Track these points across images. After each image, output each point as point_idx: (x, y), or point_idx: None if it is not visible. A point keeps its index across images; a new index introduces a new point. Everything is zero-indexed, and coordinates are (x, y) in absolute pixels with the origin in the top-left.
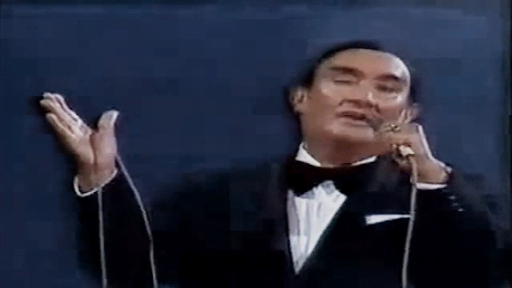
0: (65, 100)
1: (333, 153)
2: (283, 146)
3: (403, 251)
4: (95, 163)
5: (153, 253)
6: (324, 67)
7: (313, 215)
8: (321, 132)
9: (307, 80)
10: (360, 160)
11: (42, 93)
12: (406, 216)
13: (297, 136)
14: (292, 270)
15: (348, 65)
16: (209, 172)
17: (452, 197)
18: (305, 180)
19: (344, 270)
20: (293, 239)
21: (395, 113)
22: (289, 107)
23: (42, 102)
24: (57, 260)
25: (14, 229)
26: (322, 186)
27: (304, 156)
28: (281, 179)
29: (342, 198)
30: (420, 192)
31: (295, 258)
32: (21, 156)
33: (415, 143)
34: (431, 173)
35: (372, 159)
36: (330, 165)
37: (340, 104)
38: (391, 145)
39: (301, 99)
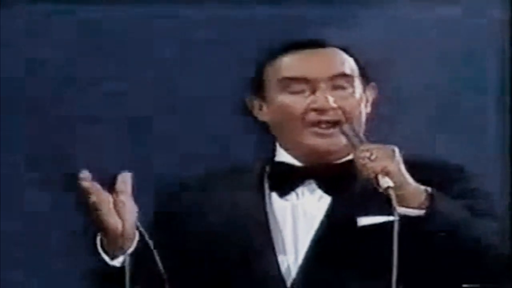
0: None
1: (311, 155)
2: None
3: (391, 253)
4: (122, 232)
5: None
6: (272, 77)
7: (300, 221)
8: (293, 142)
9: (259, 90)
10: (340, 158)
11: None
12: (392, 218)
13: (269, 140)
14: (283, 280)
15: (298, 75)
16: (183, 177)
17: (433, 222)
18: (287, 181)
19: (337, 276)
20: (279, 249)
21: (357, 108)
22: (252, 115)
23: (83, 185)
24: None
25: (14, 228)
26: (305, 186)
27: (283, 156)
28: (262, 183)
29: (326, 198)
30: (402, 217)
31: (283, 269)
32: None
33: (393, 172)
34: (411, 198)
35: (351, 156)
36: (311, 164)
37: (304, 113)
38: (368, 173)
39: (261, 108)
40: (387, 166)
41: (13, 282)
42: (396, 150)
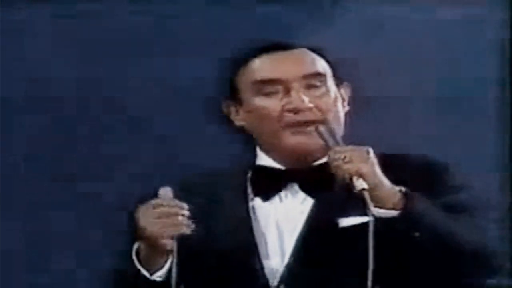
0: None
1: (292, 157)
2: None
3: (372, 252)
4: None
5: None
6: (246, 81)
7: (284, 224)
8: (272, 144)
9: (234, 94)
10: (321, 156)
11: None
12: (375, 213)
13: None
14: (268, 283)
15: (270, 77)
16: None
17: (407, 222)
18: (270, 185)
19: (321, 277)
20: (264, 253)
21: (333, 106)
22: (229, 120)
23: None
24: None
25: (14, 228)
26: (288, 189)
27: (264, 159)
28: (245, 187)
29: (309, 201)
30: (377, 219)
31: (268, 272)
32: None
33: (367, 174)
34: (386, 199)
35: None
36: (293, 166)
37: (280, 115)
38: (343, 175)
39: (237, 113)
40: (361, 168)
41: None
42: (371, 151)
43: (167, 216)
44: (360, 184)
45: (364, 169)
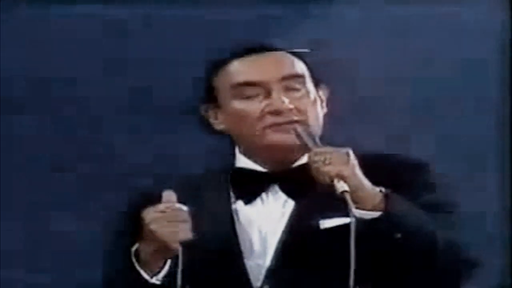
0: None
1: (273, 157)
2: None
3: (354, 253)
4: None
5: None
6: (224, 84)
7: (266, 226)
8: (253, 146)
9: (212, 98)
10: (302, 156)
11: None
12: (356, 215)
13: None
14: (251, 285)
15: (249, 79)
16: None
17: (388, 223)
18: (251, 187)
19: (304, 278)
20: (248, 254)
21: (313, 108)
22: (208, 124)
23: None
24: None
25: (14, 228)
26: (269, 191)
27: (244, 162)
28: (226, 189)
29: (290, 203)
30: (358, 220)
31: (252, 274)
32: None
33: (348, 176)
34: (367, 200)
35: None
36: (273, 168)
37: (260, 117)
38: (323, 178)
39: (216, 116)
40: (342, 170)
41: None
42: (351, 153)
43: (177, 220)
44: (341, 186)
45: (345, 171)
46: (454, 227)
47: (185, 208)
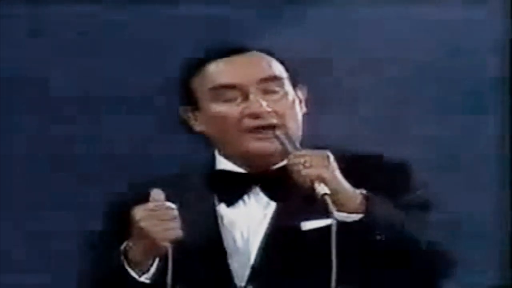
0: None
1: (252, 162)
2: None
3: (335, 254)
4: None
5: None
6: (202, 87)
7: (249, 227)
8: (232, 150)
9: (191, 100)
10: (282, 160)
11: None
12: (337, 218)
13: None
14: (235, 285)
15: (227, 82)
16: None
17: (369, 225)
18: (232, 189)
19: (287, 279)
20: (231, 256)
21: (292, 110)
22: (187, 125)
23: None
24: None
25: (14, 228)
26: (251, 193)
27: (224, 163)
28: (208, 191)
29: (272, 204)
30: (340, 223)
31: (236, 275)
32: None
33: (328, 178)
34: (347, 203)
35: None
36: (253, 170)
37: (239, 120)
38: (304, 181)
39: (196, 118)
40: (322, 173)
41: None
42: (330, 155)
43: (168, 219)
44: (321, 189)
45: (325, 174)
46: (433, 226)
47: (174, 206)
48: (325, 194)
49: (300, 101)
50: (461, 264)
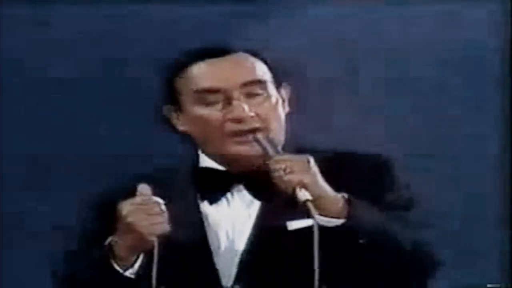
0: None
1: (235, 161)
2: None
3: (317, 256)
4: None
5: None
6: (185, 89)
7: (233, 225)
8: (215, 151)
9: (174, 101)
10: (264, 162)
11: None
12: (320, 222)
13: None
14: (221, 284)
15: (210, 86)
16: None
17: (352, 230)
18: (216, 187)
19: (273, 278)
20: (217, 255)
21: (275, 112)
22: (170, 124)
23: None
24: None
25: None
26: (234, 191)
27: (207, 161)
28: (192, 188)
29: (256, 203)
30: (322, 228)
31: (223, 276)
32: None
33: (310, 184)
34: (330, 207)
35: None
36: (236, 170)
37: (222, 124)
38: (285, 186)
39: (178, 118)
40: (304, 179)
41: None
42: (311, 160)
43: (155, 213)
44: (303, 195)
45: (307, 179)
46: (416, 225)
47: (161, 201)
48: (307, 200)
49: (284, 101)
50: (461, 264)
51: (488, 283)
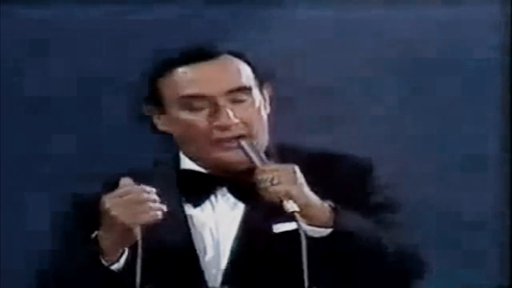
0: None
1: (218, 166)
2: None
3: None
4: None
5: None
6: (170, 93)
7: (218, 231)
8: (198, 156)
9: (157, 102)
10: (249, 167)
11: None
12: (308, 233)
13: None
14: (207, 285)
15: (195, 93)
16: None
17: (338, 238)
18: (199, 190)
19: (260, 280)
20: (203, 258)
21: (259, 116)
22: (151, 123)
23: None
24: None
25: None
26: (218, 194)
27: (188, 163)
28: (175, 191)
29: (240, 206)
30: (310, 238)
31: (209, 279)
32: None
33: (296, 195)
34: (317, 217)
35: None
36: (219, 172)
37: (207, 131)
38: (271, 197)
39: (159, 118)
40: (290, 190)
41: None
42: (297, 169)
43: (137, 203)
44: (290, 206)
45: (294, 191)
46: (400, 228)
47: (147, 189)
48: (294, 211)
49: (265, 101)
50: (461, 264)
51: (488, 283)
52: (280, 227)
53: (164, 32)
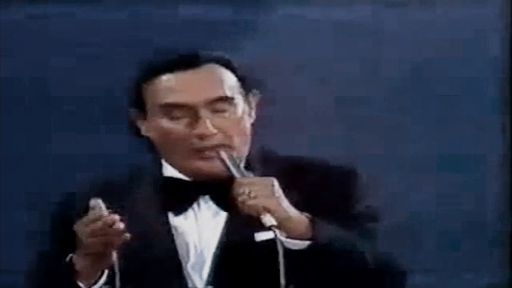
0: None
1: (198, 175)
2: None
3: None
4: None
5: None
6: (152, 100)
7: (200, 239)
8: (179, 164)
9: (140, 107)
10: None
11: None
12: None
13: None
14: None
15: (176, 101)
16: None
17: (316, 250)
18: (181, 198)
19: (243, 286)
20: (185, 265)
21: (240, 126)
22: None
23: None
24: None
25: (14, 228)
26: (201, 201)
27: (170, 171)
28: (157, 198)
29: (222, 214)
30: (287, 250)
31: (191, 283)
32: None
33: (275, 209)
34: (295, 229)
35: None
36: (201, 180)
37: (187, 140)
38: (249, 211)
39: (143, 124)
40: (268, 204)
41: None
42: (275, 182)
43: (106, 228)
44: (268, 220)
45: (271, 205)
46: (383, 236)
47: (116, 216)
48: (272, 225)
49: (251, 109)
50: (461, 264)
51: (489, 283)
52: (262, 236)
53: (162, 35)
